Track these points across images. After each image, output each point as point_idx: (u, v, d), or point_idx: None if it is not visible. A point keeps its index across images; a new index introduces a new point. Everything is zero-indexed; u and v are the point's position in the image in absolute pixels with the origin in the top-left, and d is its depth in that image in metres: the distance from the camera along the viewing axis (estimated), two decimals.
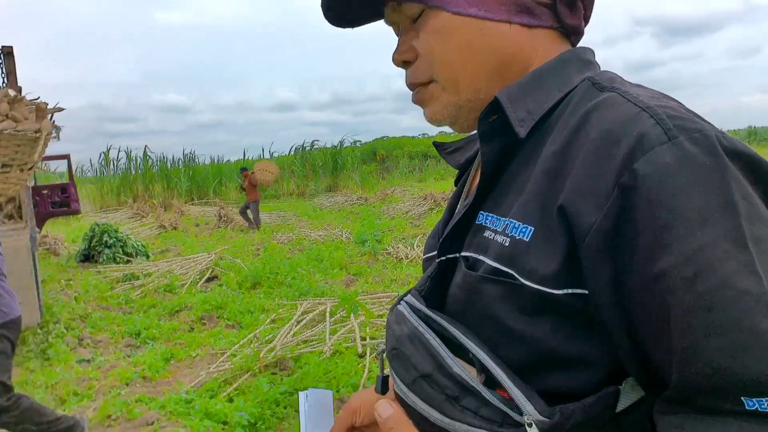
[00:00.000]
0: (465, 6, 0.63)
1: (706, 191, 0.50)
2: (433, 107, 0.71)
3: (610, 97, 0.61)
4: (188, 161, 20.84)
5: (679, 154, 0.51)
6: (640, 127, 0.54)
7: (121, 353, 4.64)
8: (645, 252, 0.50)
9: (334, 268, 7.26)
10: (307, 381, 3.64)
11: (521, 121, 0.63)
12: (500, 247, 0.62)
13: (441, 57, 0.66)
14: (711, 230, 0.48)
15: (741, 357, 0.45)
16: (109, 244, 8.36)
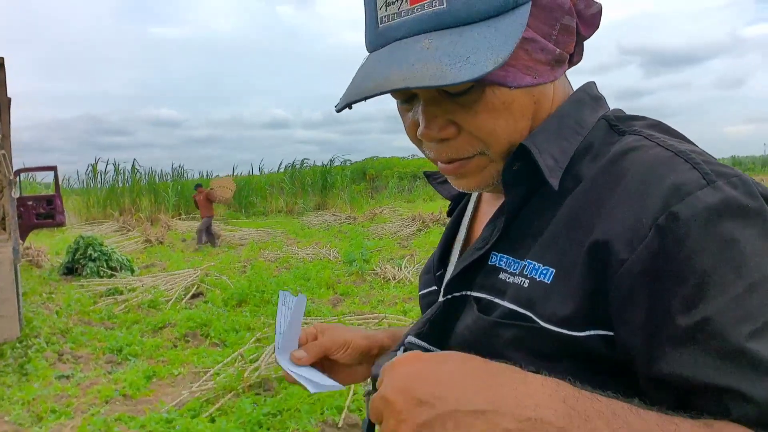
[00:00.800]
0: (522, 77, 0.60)
1: (752, 235, 0.51)
2: (478, 179, 0.67)
3: (636, 141, 0.61)
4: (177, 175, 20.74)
5: (721, 198, 0.51)
6: (676, 171, 0.55)
7: (101, 370, 4.56)
8: (688, 296, 0.50)
9: (321, 287, 7.22)
10: (291, 402, 3.59)
11: (551, 171, 0.62)
12: (518, 289, 0.61)
13: (502, 132, 0.62)
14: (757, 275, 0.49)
15: None
16: (93, 258, 8.25)
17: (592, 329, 0.55)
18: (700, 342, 0.48)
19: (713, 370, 0.47)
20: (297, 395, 3.68)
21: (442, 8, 0.57)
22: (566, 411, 0.46)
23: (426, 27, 0.57)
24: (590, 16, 0.65)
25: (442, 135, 0.63)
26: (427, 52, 0.55)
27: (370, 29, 0.63)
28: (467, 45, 0.55)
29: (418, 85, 0.53)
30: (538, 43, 0.60)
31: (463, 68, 0.53)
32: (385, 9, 0.60)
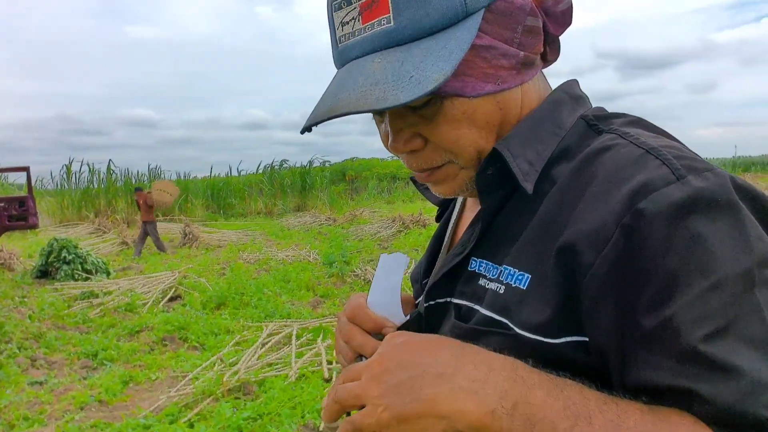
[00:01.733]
0: (482, 87, 0.59)
1: (720, 230, 0.49)
2: (452, 186, 0.67)
3: (610, 140, 0.60)
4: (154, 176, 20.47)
5: (688, 192, 0.50)
6: (645, 169, 0.53)
7: (76, 375, 4.46)
8: (653, 296, 0.49)
9: (301, 289, 7.17)
10: (271, 406, 3.55)
11: (525, 175, 0.61)
12: (495, 295, 0.60)
13: (465, 141, 0.62)
14: (721, 274, 0.48)
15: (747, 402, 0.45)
16: (67, 260, 8.09)
17: (568, 336, 0.54)
18: (662, 343, 0.48)
19: (672, 372, 0.47)
20: (277, 399, 3.64)
21: (390, 26, 0.57)
22: (513, 376, 0.50)
23: (377, 46, 0.58)
24: (560, 13, 0.64)
25: (409, 147, 0.63)
26: (374, 73, 0.56)
27: (333, 48, 0.64)
28: (413, 62, 0.55)
29: (361, 109, 0.54)
30: (498, 49, 0.59)
31: (405, 88, 0.53)
32: (342, 29, 0.61)
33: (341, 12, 0.60)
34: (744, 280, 0.48)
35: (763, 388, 0.45)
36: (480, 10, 0.58)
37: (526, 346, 0.55)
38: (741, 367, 0.45)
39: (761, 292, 0.48)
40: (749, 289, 0.48)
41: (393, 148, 0.64)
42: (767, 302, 0.48)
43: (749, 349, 0.46)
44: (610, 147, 0.58)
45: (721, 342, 0.46)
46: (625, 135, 0.59)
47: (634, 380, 0.49)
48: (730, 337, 0.46)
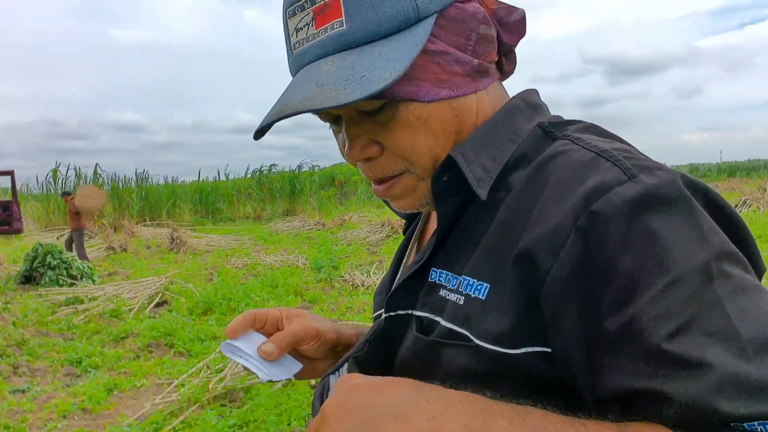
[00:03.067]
0: (436, 91, 0.59)
1: (675, 226, 0.49)
2: (411, 200, 0.66)
3: (563, 145, 0.60)
4: (141, 181, 20.32)
5: (641, 190, 0.50)
6: (596, 171, 0.53)
7: (59, 383, 4.40)
8: (614, 298, 0.48)
9: (289, 294, 7.13)
10: (257, 413, 3.52)
11: (480, 181, 0.61)
12: (455, 307, 0.59)
13: (421, 148, 0.61)
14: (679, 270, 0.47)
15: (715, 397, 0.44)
16: (52, 266, 8.00)
17: (528, 346, 0.53)
18: (627, 346, 0.47)
19: (640, 374, 0.46)
20: (263, 406, 3.61)
21: (342, 30, 0.57)
22: (472, 410, 0.47)
23: (330, 49, 0.58)
24: (513, 23, 0.65)
25: (365, 154, 0.63)
26: (326, 75, 0.55)
27: (288, 55, 0.64)
28: (365, 64, 0.55)
29: (312, 108, 0.54)
30: (452, 55, 0.60)
31: (356, 87, 0.53)
32: (296, 35, 0.61)
33: (295, 18, 0.60)
34: (702, 273, 0.47)
35: (730, 382, 0.43)
36: (432, 15, 0.58)
37: (487, 357, 0.55)
38: (709, 361, 0.44)
39: (720, 284, 0.47)
40: (708, 283, 0.47)
41: (349, 156, 0.64)
42: (726, 295, 0.47)
43: (714, 343, 0.45)
44: (563, 152, 0.59)
45: (685, 338, 0.45)
46: (577, 140, 0.60)
47: (604, 388, 0.48)
48: (693, 333, 0.45)
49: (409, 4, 0.57)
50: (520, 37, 0.66)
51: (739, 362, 0.44)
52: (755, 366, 0.44)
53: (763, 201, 12.46)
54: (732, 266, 0.49)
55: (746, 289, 0.48)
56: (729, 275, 0.48)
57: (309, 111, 0.55)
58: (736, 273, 0.49)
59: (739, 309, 0.46)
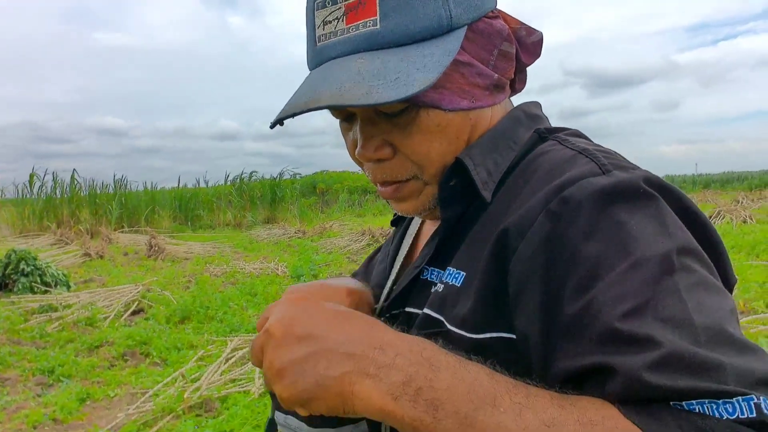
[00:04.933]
0: (458, 101, 0.60)
1: (642, 218, 0.50)
2: (414, 204, 0.67)
3: (549, 145, 0.63)
4: (119, 186, 20.04)
5: (613, 181, 0.52)
6: (574, 165, 0.56)
7: (30, 393, 4.30)
8: (577, 282, 0.49)
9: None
10: (233, 423, 3.48)
11: (485, 184, 0.62)
12: (435, 295, 0.62)
13: (435, 155, 0.62)
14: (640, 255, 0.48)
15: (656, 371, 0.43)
16: (26, 272, 7.83)
17: (492, 331, 0.54)
18: (583, 328, 0.47)
19: (589, 352, 0.46)
20: (240, 416, 3.57)
21: (375, 29, 0.57)
22: (419, 360, 0.48)
23: (360, 47, 0.57)
24: (531, 44, 0.67)
25: (378, 155, 0.63)
26: (358, 72, 0.55)
27: (309, 47, 0.63)
28: (398, 66, 0.55)
29: (344, 103, 0.53)
30: (475, 67, 0.61)
31: (390, 88, 0.53)
32: (323, 28, 0.60)
33: (324, 11, 0.59)
34: (663, 262, 0.48)
35: (675, 358, 0.43)
36: (463, 27, 0.59)
37: (457, 342, 0.55)
38: (657, 339, 0.44)
39: (680, 276, 0.48)
40: (669, 273, 0.48)
41: (361, 155, 0.63)
42: (686, 286, 0.48)
43: (666, 327, 0.45)
44: (548, 151, 0.61)
45: (639, 319, 0.46)
46: (563, 141, 0.63)
47: (556, 370, 0.49)
48: (648, 315, 0.46)
49: (444, 12, 0.57)
50: (536, 59, 0.68)
51: (688, 345, 0.44)
52: (701, 349, 0.44)
53: (736, 213, 12.70)
54: (694, 262, 0.50)
55: (706, 286, 0.49)
56: (690, 269, 0.49)
57: (340, 106, 0.54)
58: (697, 269, 0.50)
59: (696, 301, 0.47)
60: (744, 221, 12.10)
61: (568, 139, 0.63)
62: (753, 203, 16.24)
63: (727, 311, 0.48)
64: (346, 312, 0.53)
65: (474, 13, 0.60)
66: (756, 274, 6.63)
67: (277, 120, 0.59)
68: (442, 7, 0.57)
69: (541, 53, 0.68)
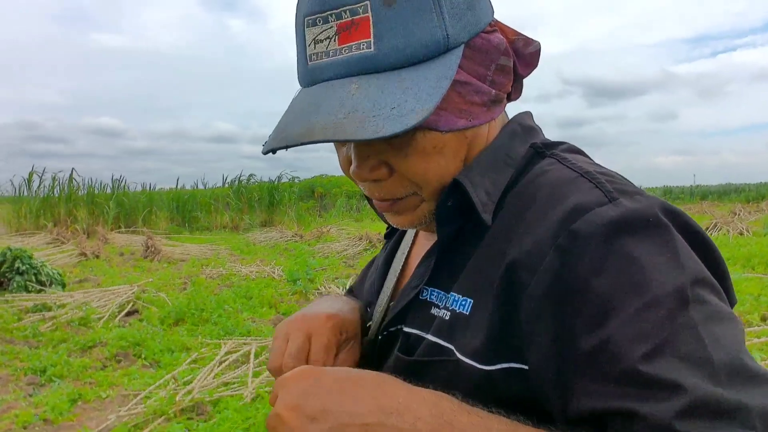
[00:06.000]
0: (455, 122, 0.59)
1: (652, 250, 0.50)
2: (410, 218, 0.66)
3: (548, 164, 0.62)
4: (117, 186, 20.00)
5: (620, 213, 0.51)
6: (578, 191, 0.55)
7: (21, 392, 4.27)
8: (589, 318, 0.48)
9: (263, 306, 7.06)
10: (224, 427, 3.46)
11: (485, 206, 0.61)
12: (441, 322, 0.60)
13: (433, 175, 0.61)
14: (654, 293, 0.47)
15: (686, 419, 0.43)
16: (21, 271, 7.80)
17: (503, 362, 0.53)
18: (600, 367, 0.47)
19: (612, 395, 0.46)
20: (231, 420, 3.55)
21: (370, 52, 0.54)
22: (441, 423, 0.46)
23: (354, 70, 0.55)
24: (529, 55, 0.66)
25: (374, 176, 0.61)
26: (352, 100, 0.53)
27: (300, 64, 0.61)
28: (394, 93, 0.53)
29: (338, 138, 0.51)
30: (473, 85, 0.59)
31: (386, 121, 0.51)
32: (314, 46, 0.58)
33: (315, 28, 0.57)
34: (678, 297, 0.48)
35: (701, 405, 0.43)
36: (460, 46, 0.57)
37: (466, 372, 0.55)
38: (683, 384, 0.44)
39: (695, 309, 0.48)
40: (684, 307, 0.47)
41: (356, 175, 0.62)
42: (701, 320, 0.47)
43: (688, 367, 0.45)
44: (548, 171, 0.60)
45: (660, 360, 0.45)
46: (562, 160, 0.62)
47: (574, 409, 0.48)
48: (668, 355, 0.45)
49: (441, 33, 0.55)
50: (533, 69, 0.66)
51: (711, 386, 0.44)
52: (725, 390, 0.44)
53: (733, 225, 12.73)
54: (706, 293, 0.50)
55: (720, 317, 0.49)
56: (704, 301, 0.49)
57: (336, 141, 0.52)
58: (710, 299, 0.50)
59: (712, 335, 0.47)
60: (740, 233, 12.11)
61: (567, 157, 0.62)
62: (750, 215, 16.26)
63: (740, 340, 0.49)
64: (355, 376, 0.51)
65: (471, 30, 0.58)
66: (751, 287, 6.64)
67: (270, 149, 0.57)
68: (438, 27, 0.55)
69: (538, 63, 0.67)
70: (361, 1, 0.54)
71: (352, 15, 0.54)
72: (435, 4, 0.55)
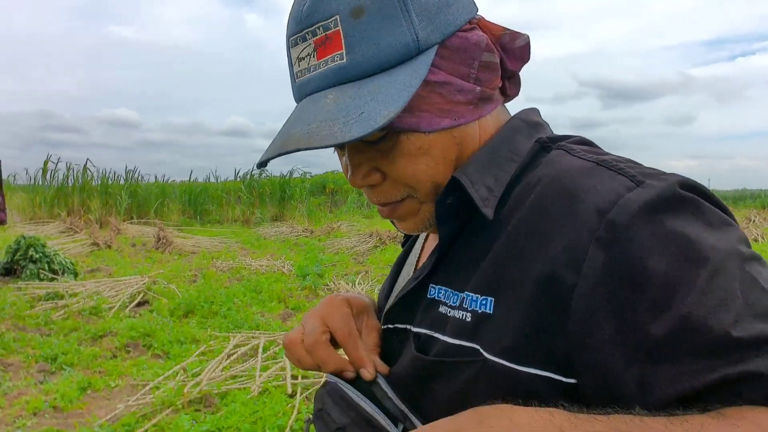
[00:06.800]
0: (437, 122, 0.60)
1: (693, 222, 0.50)
2: (414, 222, 0.67)
3: (558, 155, 0.61)
4: (130, 178, 20.15)
5: (654, 194, 0.51)
6: (600, 180, 0.54)
7: (32, 379, 4.32)
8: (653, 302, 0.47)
9: (272, 300, 7.08)
10: (231, 420, 3.48)
11: (485, 201, 0.61)
12: (461, 324, 0.59)
13: (423, 176, 0.62)
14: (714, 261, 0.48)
15: None
16: (34, 259, 7.89)
17: (537, 368, 0.52)
18: (683, 345, 0.46)
19: (710, 367, 0.45)
20: (238, 413, 3.57)
21: (343, 63, 0.57)
22: None
23: (331, 82, 0.58)
24: (517, 49, 0.65)
25: (367, 182, 0.64)
26: (326, 109, 0.56)
27: (292, 82, 0.64)
28: (364, 99, 0.55)
29: (311, 146, 0.54)
30: (454, 84, 0.60)
31: (354, 125, 0.53)
32: (299, 64, 0.61)
33: (298, 48, 0.60)
34: (734, 259, 0.49)
35: None
36: (433, 47, 0.58)
37: (493, 372, 0.54)
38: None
39: (750, 267, 0.49)
40: (741, 267, 0.49)
41: (352, 182, 0.64)
42: (758, 273, 0.49)
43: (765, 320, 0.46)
44: (558, 163, 0.60)
45: (747, 321, 0.45)
46: (571, 150, 0.61)
47: (664, 395, 0.46)
48: (749, 315, 0.46)
49: (410, 37, 0.57)
50: (524, 63, 0.67)
51: None
52: None
53: (748, 231, 12.59)
54: (748, 247, 0.52)
55: (764, 263, 0.52)
56: (751, 256, 0.51)
57: (309, 148, 0.55)
58: (752, 252, 0.52)
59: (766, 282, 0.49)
60: (755, 240, 11.97)
61: (575, 147, 0.62)
62: (765, 222, 16.07)
63: None
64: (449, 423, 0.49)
65: (444, 30, 0.59)
66: None
67: (261, 162, 0.60)
68: (407, 31, 0.57)
69: (529, 57, 0.67)
70: (331, 16, 0.57)
71: (324, 30, 0.57)
72: (402, 10, 0.56)
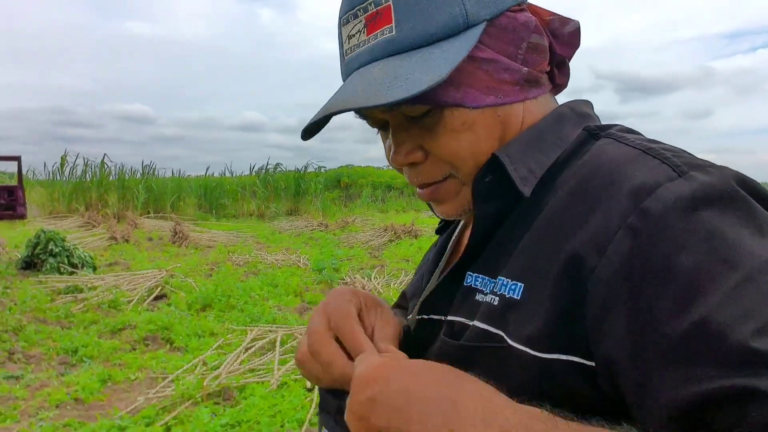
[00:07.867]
0: (483, 98, 0.60)
1: (734, 223, 0.46)
2: (453, 205, 0.66)
3: (606, 143, 0.59)
4: (147, 173, 20.31)
5: (695, 188, 0.48)
6: (644, 168, 0.52)
7: (54, 371, 4.37)
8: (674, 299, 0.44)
9: (288, 294, 7.10)
10: (250, 413, 3.49)
11: (524, 180, 0.60)
12: (489, 308, 0.57)
13: (465, 153, 0.61)
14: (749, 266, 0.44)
15: None
16: (54, 253, 7.99)
17: (561, 353, 0.50)
18: (698, 348, 0.42)
19: (720, 376, 0.41)
20: (257, 406, 3.58)
21: (392, 35, 0.58)
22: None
23: (379, 54, 0.59)
24: (567, 34, 0.64)
25: (410, 159, 0.63)
26: (371, 77, 0.56)
27: (341, 62, 0.65)
28: (410, 68, 0.55)
29: (353, 106, 0.55)
30: (500, 63, 0.60)
31: (399, 88, 0.53)
32: (349, 42, 0.62)
33: (349, 25, 0.61)
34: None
35: None
36: (481, 23, 0.58)
37: (518, 361, 0.52)
38: None
39: None
40: None
41: (394, 160, 0.64)
42: None
43: None
44: (606, 150, 0.58)
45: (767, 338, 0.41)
46: (620, 138, 0.59)
47: (665, 400, 0.43)
48: None
49: (459, 11, 0.57)
50: (575, 49, 0.66)
51: None
52: None
53: None
54: None
55: None
56: None
57: (350, 110, 0.55)
58: None
59: None
60: None
61: (625, 135, 0.60)
62: None
63: None
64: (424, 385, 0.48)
65: (493, 8, 0.59)
66: None
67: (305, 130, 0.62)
68: (456, 5, 0.57)
69: (579, 43, 0.66)
70: None
71: (376, 6, 0.58)
72: None
